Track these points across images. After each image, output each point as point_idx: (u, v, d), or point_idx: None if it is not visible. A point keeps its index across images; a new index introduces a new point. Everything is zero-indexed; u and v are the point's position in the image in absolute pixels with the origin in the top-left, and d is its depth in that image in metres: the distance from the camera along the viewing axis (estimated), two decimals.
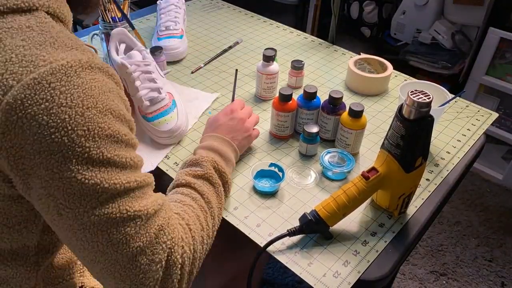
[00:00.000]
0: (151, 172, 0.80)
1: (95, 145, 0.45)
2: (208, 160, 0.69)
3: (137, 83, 0.85)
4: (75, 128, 0.44)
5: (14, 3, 0.46)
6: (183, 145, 0.88)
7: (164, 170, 0.81)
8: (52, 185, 0.45)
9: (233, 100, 0.87)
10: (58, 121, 0.43)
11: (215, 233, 0.64)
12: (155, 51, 1.07)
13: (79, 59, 0.46)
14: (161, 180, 0.79)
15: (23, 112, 0.42)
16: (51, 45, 0.45)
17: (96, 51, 0.77)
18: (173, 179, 0.77)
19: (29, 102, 0.42)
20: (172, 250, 0.52)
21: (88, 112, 0.45)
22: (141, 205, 0.49)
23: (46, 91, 0.43)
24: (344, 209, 0.68)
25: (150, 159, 0.83)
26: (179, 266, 0.52)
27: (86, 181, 0.45)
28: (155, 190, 0.56)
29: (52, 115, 0.43)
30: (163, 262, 0.51)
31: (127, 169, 0.49)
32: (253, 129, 0.84)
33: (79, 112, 0.44)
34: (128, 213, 0.48)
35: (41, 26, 0.46)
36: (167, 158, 0.84)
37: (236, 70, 0.91)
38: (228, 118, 0.79)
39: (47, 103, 0.43)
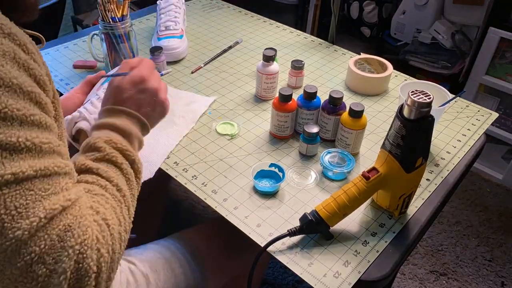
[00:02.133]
0: (149, 179, 0.79)
1: None
2: (103, 140, 0.56)
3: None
4: None
5: None
6: (183, 144, 0.87)
7: (173, 176, 0.81)
8: None
9: (134, 56, 0.72)
10: None
11: (131, 226, 0.54)
12: (155, 51, 1.07)
13: None
14: (168, 183, 0.76)
15: None
16: None
17: (42, 40, 0.64)
18: (189, 190, 0.74)
19: None
20: (84, 255, 0.41)
21: None
22: (38, 202, 0.39)
23: None
24: (345, 209, 0.68)
25: (148, 166, 0.81)
26: (93, 275, 0.42)
27: None
28: (160, 193, 0.51)
29: None
30: (68, 273, 0.40)
31: (20, 152, 0.39)
32: (166, 99, 0.70)
33: None
34: (19, 210, 0.38)
35: None
36: (168, 158, 0.84)
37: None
38: (138, 89, 0.64)
39: None
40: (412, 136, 0.63)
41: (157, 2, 1.25)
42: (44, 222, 0.39)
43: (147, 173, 0.80)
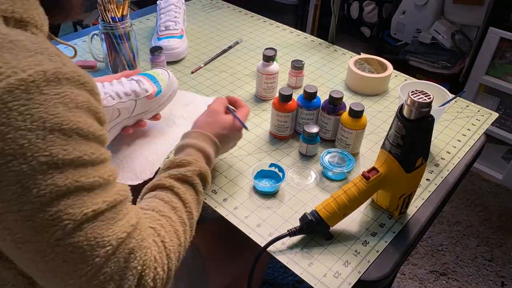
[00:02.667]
0: (150, 179, 0.79)
1: (59, 171, 0.40)
2: (197, 165, 0.64)
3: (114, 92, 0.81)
4: (36, 154, 0.38)
5: None
6: None
7: None
8: (9, 218, 0.39)
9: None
10: (16, 147, 0.38)
11: (190, 241, 0.60)
12: (155, 51, 1.07)
13: (43, 70, 0.39)
14: None
15: None
16: (9, 50, 0.39)
17: (75, 51, 0.70)
18: None
19: None
20: (143, 273, 0.48)
21: (51, 135, 0.39)
22: (111, 231, 0.44)
23: (1, 112, 0.37)
24: (345, 209, 0.68)
25: (148, 167, 0.81)
26: None
27: (50, 213, 0.40)
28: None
29: (9, 140, 0.37)
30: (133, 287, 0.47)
31: (96, 189, 0.44)
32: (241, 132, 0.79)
33: (40, 135, 0.38)
34: (97, 240, 0.43)
35: (1, 27, 0.40)
36: (167, 158, 0.84)
37: None
38: (234, 135, 0.76)
39: (3, 127, 0.37)
40: (412, 136, 0.63)
41: (157, 2, 1.25)
42: (115, 249, 0.45)
43: (147, 173, 0.80)
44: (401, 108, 0.64)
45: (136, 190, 0.63)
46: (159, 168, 0.81)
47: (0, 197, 0.39)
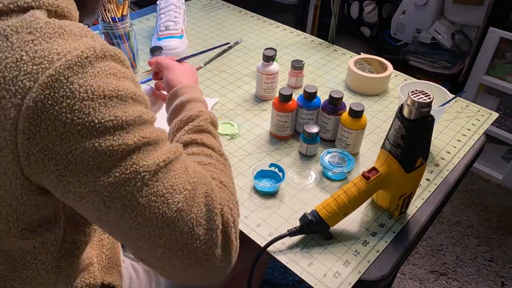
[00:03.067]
0: None
1: (125, 132, 0.44)
2: (206, 115, 0.68)
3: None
4: (102, 120, 0.43)
5: (16, 2, 0.44)
6: None
7: None
8: (92, 180, 0.43)
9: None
10: (83, 116, 0.42)
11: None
12: (155, 51, 1.07)
13: (92, 46, 0.44)
14: None
15: (45, 113, 0.41)
16: (60, 36, 0.43)
17: None
18: None
19: (49, 102, 0.41)
20: (223, 212, 0.52)
21: (111, 101, 0.44)
22: (183, 178, 0.49)
23: (65, 87, 0.41)
24: (345, 209, 0.68)
25: None
26: (232, 225, 0.53)
27: (126, 165, 0.44)
28: None
29: (76, 111, 0.41)
30: (220, 227, 0.51)
31: (159, 143, 0.48)
32: None
33: (102, 103, 0.43)
34: (173, 187, 0.47)
35: (45, 19, 0.44)
36: None
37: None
38: (187, 69, 0.80)
39: (68, 100, 0.41)
40: (412, 136, 0.63)
41: (157, 2, 1.25)
42: (192, 194, 0.49)
43: None
44: (401, 108, 0.64)
45: None
46: None
47: (80, 163, 0.42)
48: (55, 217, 0.51)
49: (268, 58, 0.96)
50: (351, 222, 0.72)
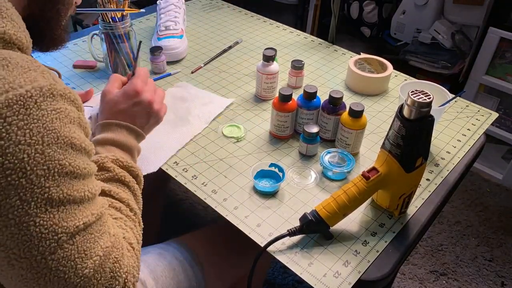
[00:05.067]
0: (154, 172, 0.80)
1: (55, 184, 0.42)
2: (110, 160, 0.62)
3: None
4: (34, 168, 0.40)
5: None
6: (192, 151, 0.87)
7: (173, 176, 0.80)
8: (5, 233, 0.40)
9: (133, 74, 0.73)
10: (16, 161, 0.39)
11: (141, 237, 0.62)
12: (155, 51, 1.07)
13: (39, 86, 0.41)
14: (168, 183, 0.78)
15: None
16: (4, 68, 0.40)
17: (59, 74, 0.71)
18: (189, 190, 0.76)
19: None
20: (126, 280, 0.51)
21: (49, 149, 0.41)
22: (97, 243, 0.47)
23: (1, 127, 0.38)
24: (345, 209, 0.68)
25: (153, 160, 0.82)
26: None
27: (45, 223, 0.41)
28: (159, 193, 0.55)
29: (9, 155, 0.38)
30: None
31: (85, 202, 0.46)
32: (162, 106, 0.75)
33: (39, 150, 0.40)
34: (86, 252, 0.45)
35: None
36: (176, 164, 0.84)
37: (140, 41, 0.79)
38: (132, 102, 0.68)
39: (2, 142, 0.38)
40: (412, 136, 0.63)
41: (157, 2, 1.25)
42: (102, 260, 0.47)
43: (151, 167, 0.81)
44: (401, 108, 0.64)
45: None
46: (159, 168, 0.81)
47: (1, 210, 0.40)
48: None
49: (268, 58, 0.96)
50: (351, 222, 0.72)
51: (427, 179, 0.81)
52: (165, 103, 0.76)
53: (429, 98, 0.61)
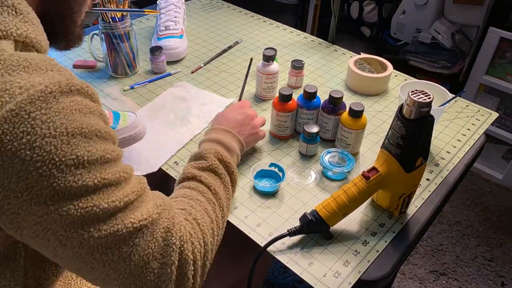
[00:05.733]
0: (154, 172, 0.81)
1: (86, 171, 0.43)
2: (211, 151, 0.69)
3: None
4: (63, 158, 0.41)
5: None
6: (192, 150, 0.87)
7: (173, 176, 0.80)
8: (48, 219, 0.42)
9: (240, 99, 0.87)
10: (44, 154, 0.40)
11: (225, 223, 0.65)
12: (155, 51, 1.07)
13: (57, 81, 0.42)
14: (168, 183, 0.79)
15: (3, 149, 0.39)
16: (24, 69, 0.42)
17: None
18: (174, 179, 0.77)
19: (8, 137, 0.39)
20: (182, 248, 0.51)
21: (74, 139, 0.42)
22: (143, 214, 0.48)
23: (26, 122, 0.39)
24: (345, 209, 0.68)
25: (153, 160, 0.83)
26: (191, 262, 0.52)
27: (85, 208, 0.43)
28: (161, 191, 0.56)
29: (36, 148, 0.40)
30: (176, 263, 0.50)
31: (122, 183, 0.48)
32: (260, 130, 0.83)
33: (65, 140, 0.41)
34: (134, 225, 0.47)
35: (10, 52, 0.42)
36: (176, 164, 0.84)
37: (251, 59, 0.90)
38: (237, 112, 0.80)
39: (29, 136, 0.40)
40: (412, 136, 0.63)
41: (157, 2, 1.25)
42: (150, 229, 0.49)
43: (152, 167, 0.81)
44: (401, 108, 0.64)
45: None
46: (159, 168, 0.81)
47: (36, 201, 0.41)
48: (14, 253, 0.50)
49: (268, 58, 0.96)
50: (351, 222, 0.72)
51: (427, 179, 0.81)
52: (264, 130, 0.85)
53: (429, 98, 0.61)
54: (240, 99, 0.90)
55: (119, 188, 0.47)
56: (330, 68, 1.15)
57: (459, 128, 0.95)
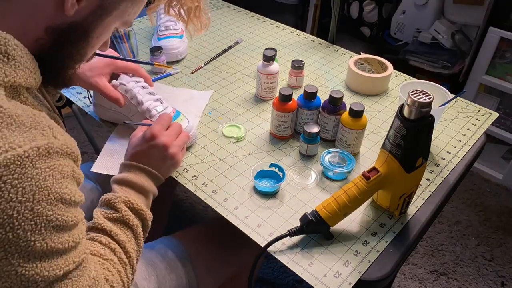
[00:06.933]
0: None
1: (40, 238, 0.44)
2: (122, 200, 0.65)
3: (139, 97, 0.85)
4: (22, 224, 0.42)
5: None
6: (192, 151, 0.87)
7: (174, 177, 0.80)
8: None
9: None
10: (5, 217, 0.41)
11: (134, 276, 0.64)
12: (155, 51, 1.07)
13: (37, 146, 0.43)
14: (174, 190, 0.78)
15: None
16: (7, 126, 0.42)
17: (63, 99, 0.75)
18: (189, 190, 0.77)
19: None
20: None
21: (38, 206, 0.43)
22: (79, 286, 0.49)
23: None
24: (345, 209, 0.68)
25: None
26: None
27: (26, 273, 0.44)
28: (166, 198, 0.56)
29: None
30: None
31: (67, 251, 0.48)
32: (182, 148, 0.79)
33: (28, 207, 0.42)
34: None
35: (1, 96, 0.43)
36: (186, 171, 0.84)
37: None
38: (148, 145, 0.72)
39: None
40: (412, 136, 0.63)
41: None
42: None
43: None
44: (401, 108, 0.64)
45: None
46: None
47: None
48: None
49: (268, 58, 0.96)
50: (352, 222, 0.72)
51: (428, 179, 0.81)
52: (184, 148, 0.80)
53: (429, 98, 0.61)
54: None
55: (63, 256, 0.47)
56: (330, 68, 1.15)
57: (459, 128, 0.95)
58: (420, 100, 0.60)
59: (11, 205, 0.41)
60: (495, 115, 1.00)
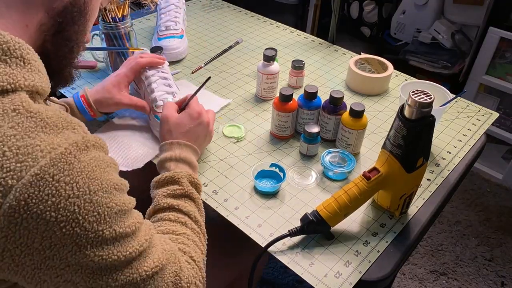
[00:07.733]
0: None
1: (107, 226, 0.45)
2: (184, 175, 0.68)
3: (154, 85, 0.88)
4: (86, 217, 0.43)
5: None
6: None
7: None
8: (69, 271, 0.44)
9: (185, 105, 0.81)
10: (68, 214, 0.42)
11: (206, 246, 0.66)
12: (155, 51, 1.07)
13: (74, 141, 0.44)
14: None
15: (28, 212, 0.40)
16: (42, 129, 0.43)
17: (67, 108, 0.78)
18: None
19: (34, 201, 0.40)
20: None
21: (96, 196, 0.44)
22: (155, 261, 0.51)
23: (50, 185, 0.41)
24: (346, 209, 0.68)
25: (141, 157, 0.83)
26: None
27: (104, 260, 0.46)
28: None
29: (61, 209, 0.42)
30: None
31: (136, 232, 0.50)
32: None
33: (87, 199, 0.43)
34: (147, 273, 0.49)
35: (27, 108, 0.43)
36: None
37: (209, 77, 0.87)
38: (196, 123, 0.77)
39: (53, 199, 0.41)
40: (413, 136, 0.63)
41: (157, 2, 1.25)
42: (161, 274, 0.52)
43: (139, 163, 0.82)
44: (402, 108, 0.64)
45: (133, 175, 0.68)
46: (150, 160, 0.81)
47: (58, 256, 0.43)
48: None
49: (269, 58, 0.96)
50: (352, 222, 0.72)
51: (428, 179, 0.81)
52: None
53: (430, 98, 0.61)
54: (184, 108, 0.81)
55: (133, 237, 0.49)
56: (330, 68, 1.15)
57: (459, 128, 0.95)
58: (421, 100, 0.60)
59: (71, 202, 0.42)
60: (495, 115, 1.00)
